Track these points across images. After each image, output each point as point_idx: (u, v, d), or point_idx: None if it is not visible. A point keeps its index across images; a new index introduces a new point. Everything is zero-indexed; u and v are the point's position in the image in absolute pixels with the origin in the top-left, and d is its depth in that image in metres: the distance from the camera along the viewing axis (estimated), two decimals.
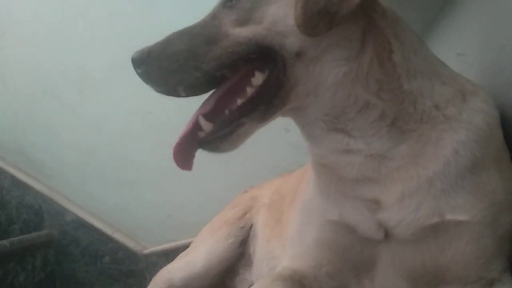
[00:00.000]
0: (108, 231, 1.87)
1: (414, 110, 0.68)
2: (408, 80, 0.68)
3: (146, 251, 1.83)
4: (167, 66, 0.71)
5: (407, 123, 0.68)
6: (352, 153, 0.70)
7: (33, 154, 1.98)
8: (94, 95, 1.90)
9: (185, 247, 1.41)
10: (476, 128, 0.68)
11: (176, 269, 1.28)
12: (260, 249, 1.21)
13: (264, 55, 0.68)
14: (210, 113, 0.72)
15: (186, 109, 1.76)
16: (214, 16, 0.74)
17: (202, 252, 1.26)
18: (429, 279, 0.70)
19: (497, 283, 0.67)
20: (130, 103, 1.85)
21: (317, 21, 0.62)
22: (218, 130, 0.70)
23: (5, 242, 1.60)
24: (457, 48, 1.04)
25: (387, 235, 0.70)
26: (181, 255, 1.36)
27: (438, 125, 0.68)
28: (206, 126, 0.71)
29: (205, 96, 0.77)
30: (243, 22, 0.69)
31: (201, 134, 0.71)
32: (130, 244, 1.85)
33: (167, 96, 1.85)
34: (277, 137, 1.57)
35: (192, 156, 0.74)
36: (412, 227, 0.67)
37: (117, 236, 1.86)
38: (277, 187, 1.24)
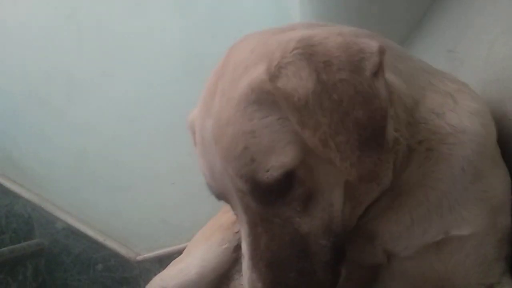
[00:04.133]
0: (99, 238, 1.84)
1: (419, 123, 0.65)
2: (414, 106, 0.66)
3: (139, 258, 1.81)
4: None
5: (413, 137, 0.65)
6: None
7: (21, 161, 1.94)
8: (82, 100, 1.88)
9: (179, 252, 1.38)
10: (478, 138, 0.66)
11: (169, 277, 1.25)
12: None
13: None
14: None
15: (177, 113, 1.77)
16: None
17: (196, 258, 1.24)
18: None
19: (496, 286, 0.66)
20: (119, 108, 1.84)
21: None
22: None
23: None
24: (448, 45, 1.04)
25: (390, 257, 0.68)
26: (174, 261, 1.34)
27: (447, 137, 0.65)
28: None
29: None
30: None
31: None
32: (123, 251, 1.83)
33: (156, 100, 1.85)
34: None
35: None
36: (417, 247, 0.66)
37: (109, 243, 1.84)
38: None
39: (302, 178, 0.55)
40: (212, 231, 1.29)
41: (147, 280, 1.37)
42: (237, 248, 1.25)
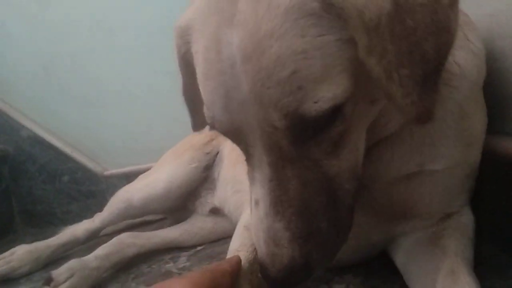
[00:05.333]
0: (67, 150, 1.80)
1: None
2: None
3: (106, 173, 1.79)
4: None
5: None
6: None
7: None
8: (56, 4, 1.74)
9: (147, 171, 1.38)
10: (472, 83, 0.63)
11: (135, 190, 1.26)
12: (225, 172, 1.20)
13: None
14: None
15: (156, 29, 1.67)
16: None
17: (164, 174, 1.24)
18: (392, 215, 0.70)
19: (455, 215, 0.68)
20: (96, 16, 1.71)
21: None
22: None
23: None
24: None
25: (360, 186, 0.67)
26: (141, 176, 1.34)
27: (452, 79, 0.61)
28: None
29: None
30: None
31: None
32: (90, 165, 1.80)
33: (133, 12, 1.73)
34: None
35: None
36: (390, 179, 0.65)
37: (77, 156, 1.80)
38: None
39: (346, 115, 0.49)
40: (183, 151, 1.28)
41: (113, 195, 1.37)
42: (207, 168, 1.26)
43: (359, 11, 0.43)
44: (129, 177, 1.64)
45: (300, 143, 0.49)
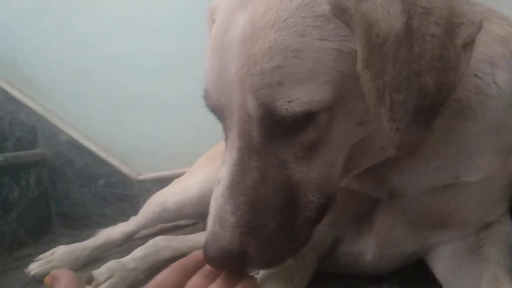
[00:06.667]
0: (102, 154, 1.86)
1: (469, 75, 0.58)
2: None
3: (140, 177, 1.84)
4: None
5: None
6: None
7: (26, 71, 1.91)
8: (89, 13, 1.80)
9: (180, 176, 1.41)
10: (510, 101, 0.61)
11: (170, 194, 1.29)
12: None
13: None
14: None
15: (188, 35, 1.71)
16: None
17: (198, 179, 1.26)
18: (428, 224, 0.69)
19: (495, 224, 0.68)
20: (129, 25, 1.77)
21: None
22: None
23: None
24: None
25: (393, 194, 0.66)
26: (175, 181, 1.37)
27: (488, 100, 0.59)
28: None
29: None
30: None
31: None
32: (124, 169, 1.85)
33: (167, 20, 1.77)
34: None
35: None
36: (424, 189, 0.64)
37: (112, 160, 1.85)
38: None
39: (321, 125, 0.49)
40: (215, 156, 1.30)
41: (147, 199, 1.41)
42: None
43: (368, 24, 0.43)
44: (162, 182, 1.68)
45: (270, 139, 0.50)
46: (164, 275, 0.55)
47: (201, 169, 1.28)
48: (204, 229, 1.36)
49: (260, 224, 0.50)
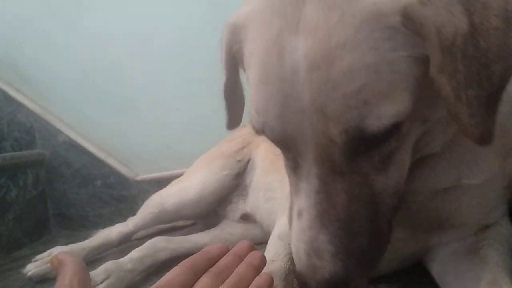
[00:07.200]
0: (101, 155, 1.85)
1: None
2: None
3: (138, 178, 1.83)
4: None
5: None
6: None
7: (26, 71, 1.91)
8: (94, 12, 1.80)
9: (178, 176, 1.40)
10: None
11: (168, 195, 1.29)
12: (257, 179, 1.21)
13: None
14: None
15: (191, 34, 1.71)
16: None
17: (196, 180, 1.26)
18: (428, 226, 0.69)
19: (494, 225, 0.68)
20: (132, 24, 1.77)
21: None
22: None
23: None
24: None
25: None
26: (174, 182, 1.36)
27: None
28: None
29: None
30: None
31: None
32: (123, 170, 1.85)
33: (169, 19, 1.77)
34: None
35: None
36: (426, 191, 0.65)
37: (110, 161, 1.85)
38: None
39: (403, 133, 0.48)
40: (214, 158, 1.31)
41: (145, 199, 1.40)
42: (238, 175, 1.28)
43: (437, 29, 0.43)
44: (160, 183, 1.68)
45: (353, 157, 0.48)
46: (172, 274, 0.52)
47: (200, 171, 1.28)
48: (201, 230, 1.37)
49: (355, 244, 0.49)
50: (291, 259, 0.66)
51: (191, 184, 1.26)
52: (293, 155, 0.51)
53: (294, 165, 0.52)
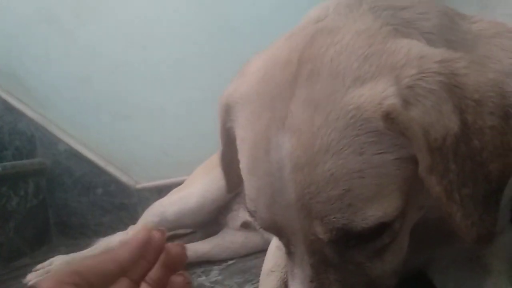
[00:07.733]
0: (101, 163, 1.86)
1: None
2: None
3: (138, 186, 1.83)
4: None
5: None
6: None
7: (26, 81, 1.91)
8: (92, 22, 1.81)
9: (178, 184, 1.40)
10: None
11: (169, 203, 1.29)
12: None
13: None
14: None
15: (188, 44, 1.72)
16: None
17: (197, 188, 1.26)
18: (433, 241, 0.68)
19: (497, 234, 0.67)
20: (130, 34, 1.78)
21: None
22: None
23: None
24: None
25: None
26: (174, 190, 1.36)
27: None
28: None
29: None
30: None
31: None
32: (123, 178, 1.85)
33: (167, 28, 1.78)
34: None
35: None
36: (434, 210, 0.64)
37: (110, 169, 1.85)
38: None
39: (395, 229, 0.47)
40: (214, 165, 1.30)
41: (145, 207, 1.40)
42: None
43: (425, 131, 0.41)
44: (161, 191, 1.68)
45: (343, 251, 0.47)
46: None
47: (200, 179, 1.28)
48: (202, 238, 1.36)
49: None
50: None
51: (192, 192, 1.26)
52: (285, 242, 0.50)
53: (287, 251, 0.51)
